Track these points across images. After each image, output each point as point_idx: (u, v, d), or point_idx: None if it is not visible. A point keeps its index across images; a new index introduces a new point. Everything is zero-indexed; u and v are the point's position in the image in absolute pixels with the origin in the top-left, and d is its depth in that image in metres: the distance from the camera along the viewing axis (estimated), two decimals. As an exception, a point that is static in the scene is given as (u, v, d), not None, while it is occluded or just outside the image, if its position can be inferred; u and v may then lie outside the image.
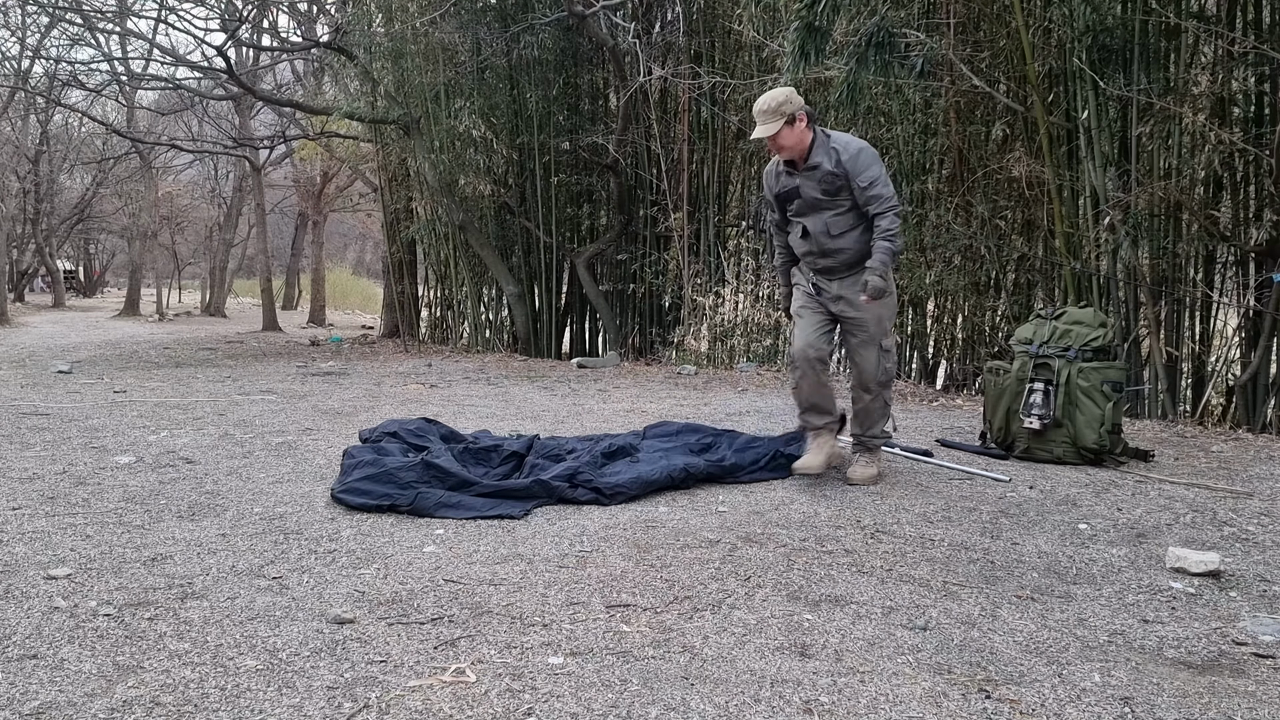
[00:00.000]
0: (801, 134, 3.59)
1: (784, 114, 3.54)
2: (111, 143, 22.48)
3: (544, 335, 10.81)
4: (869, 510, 3.42)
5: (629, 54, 9.50)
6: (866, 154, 3.58)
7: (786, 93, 3.58)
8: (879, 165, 3.60)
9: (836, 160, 3.56)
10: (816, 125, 3.64)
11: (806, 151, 3.61)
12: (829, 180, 3.58)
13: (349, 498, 3.31)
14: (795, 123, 3.56)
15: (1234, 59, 5.84)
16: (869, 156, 3.58)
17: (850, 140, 3.65)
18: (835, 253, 3.69)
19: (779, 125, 3.54)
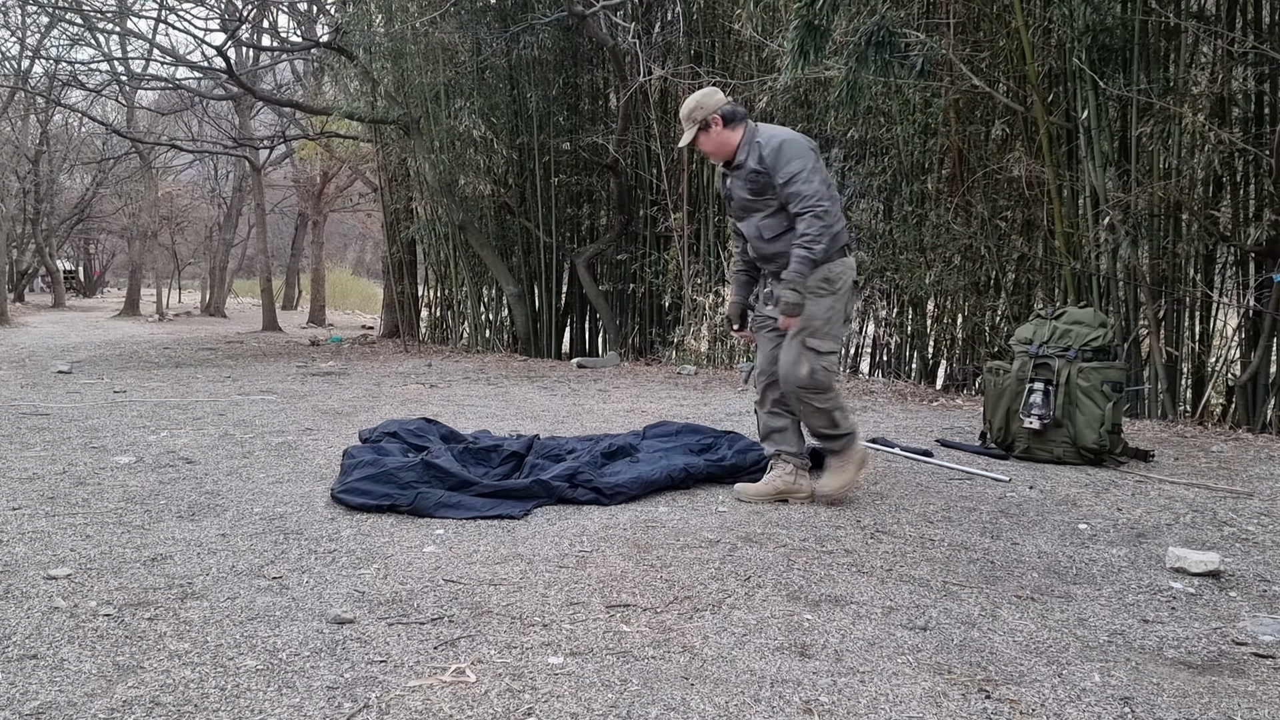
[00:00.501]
0: (720, 137, 3.42)
1: (696, 120, 3.41)
2: (111, 143, 22.49)
3: (544, 335, 10.82)
4: (869, 510, 3.42)
5: (629, 54, 9.50)
6: (789, 147, 3.28)
7: (699, 97, 3.43)
8: (803, 159, 3.26)
9: (759, 156, 3.31)
10: (750, 121, 3.43)
11: (733, 152, 3.42)
12: (753, 179, 3.35)
13: (349, 498, 3.31)
14: (710, 127, 3.40)
15: (1234, 59, 5.84)
16: (791, 149, 3.28)
17: (775, 133, 3.36)
18: (773, 257, 3.43)
19: (694, 132, 3.43)
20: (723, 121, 3.40)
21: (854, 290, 3.45)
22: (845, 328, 3.53)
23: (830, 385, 3.38)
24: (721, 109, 3.40)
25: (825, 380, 3.34)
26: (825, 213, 3.22)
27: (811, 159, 3.29)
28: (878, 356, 8.79)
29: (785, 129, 3.45)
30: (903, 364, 8.30)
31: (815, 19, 5.29)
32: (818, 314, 3.32)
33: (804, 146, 3.31)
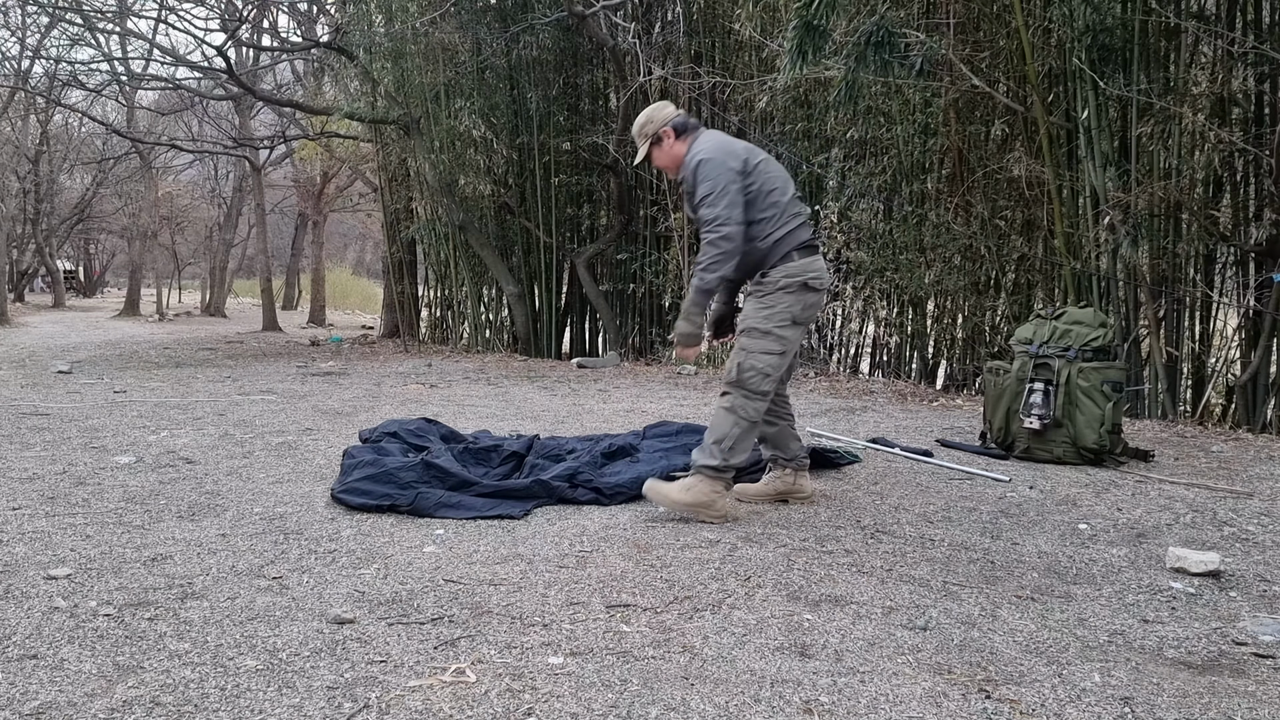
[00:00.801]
0: (673, 150, 3.32)
1: (648, 135, 3.34)
2: (111, 143, 22.49)
3: (544, 335, 10.82)
4: (869, 510, 3.42)
5: (629, 54, 9.50)
6: (705, 166, 3.14)
7: (649, 111, 3.39)
8: (715, 179, 3.11)
9: (688, 172, 3.23)
10: (701, 131, 3.34)
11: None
12: (688, 194, 3.28)
13: (349, 498, 3.31)
14: (661, 141, 3.33)
15: (1234, 59, 5.84)
16: (706, 169, 3.14)
17: (703, 147, 3.22)
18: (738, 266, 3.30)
19: (646, 148, 3.37)
20: (675, 134, 3.33)
21: (805, 292, 3.18)
22: (795, 331, 3.20)
23: (757, 390, 3.15)
24: (673, 121, 3.33)
25: (753, 382, 3.14)
26: (723, 239, 3.07)
27: (725, 179, 3.11)
28: (878, 356, 8.80)
29: (717, 141, 3.26)
30: (903, 364, 8.30)
31: (814, 19, 5.30)
32: (748, 314, 3.21)
33: (720, 165, 3.13)
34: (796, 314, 3.18)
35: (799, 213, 3.26)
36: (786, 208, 3.21)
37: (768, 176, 3.24)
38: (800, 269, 3.18)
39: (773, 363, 3.16)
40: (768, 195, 3.20)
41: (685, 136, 3.32)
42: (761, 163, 3.24)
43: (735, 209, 3.10)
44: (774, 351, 3.16)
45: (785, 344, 3.18)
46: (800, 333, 3.27)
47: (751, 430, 3.20)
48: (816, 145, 8.47)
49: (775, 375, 3.19)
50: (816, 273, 3.22)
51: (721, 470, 3.17)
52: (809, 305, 3.22)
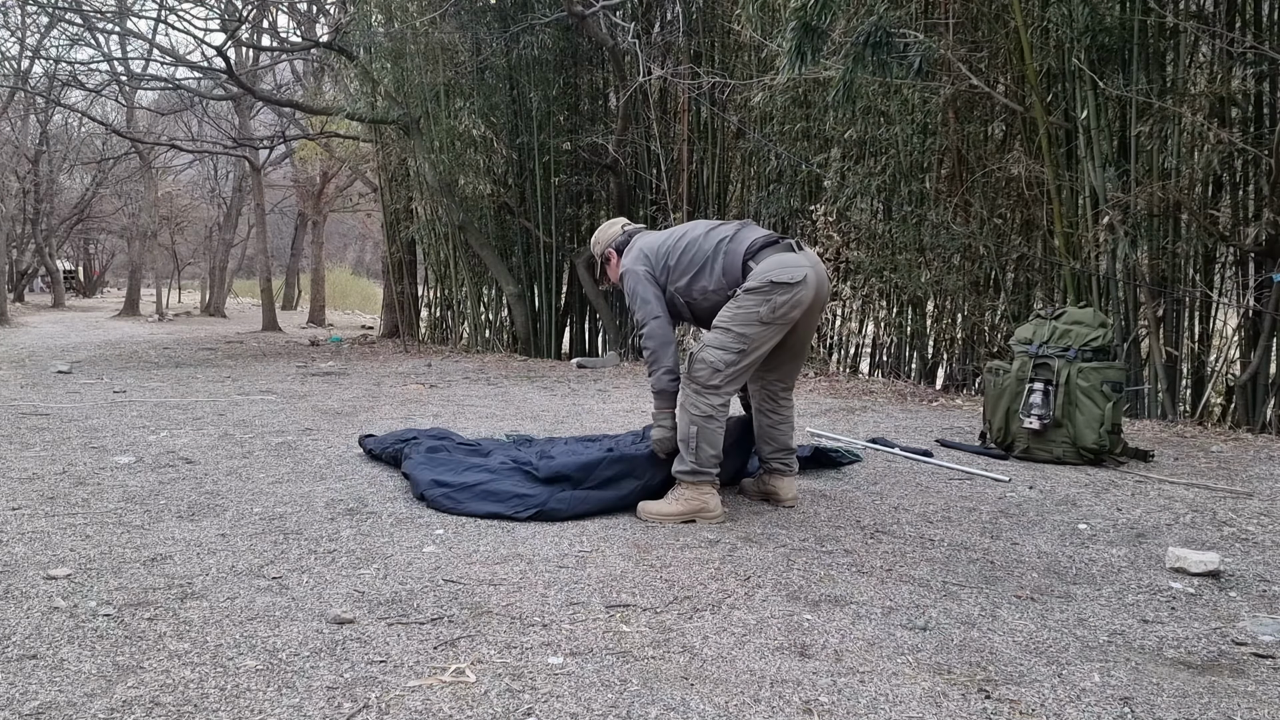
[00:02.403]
0: (617, 269, 3.52)
1: (598, 255, 3.64)
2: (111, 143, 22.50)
3: (544, 335, 10.82)
4: (869, 510, 3.42)
5: (629, 54, 9.51)
6: (626, 279, 3.37)
7: (598, 233, 3.63)
8: (630, 289, 3.33)
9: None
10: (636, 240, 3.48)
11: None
12: None
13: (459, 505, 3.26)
14: (609, 260, 3.58)
15: (1233, 59, 5.84)
16: (626, 281, 3.36)
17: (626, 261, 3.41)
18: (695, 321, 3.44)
19: (600, 266, 3.65)
20: (616, 255, 3.53)
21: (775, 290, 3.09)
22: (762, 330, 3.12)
23: (706, 384, 3.12)
24: (615, 242, 3.54)
25: (702, 375, 3.12)
26: (648, 338, 3.25)
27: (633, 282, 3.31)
28: (877, 356, 8.80)
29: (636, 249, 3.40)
30: (902, 364, 8.31)
31: (811, 20, 5.30)
32: (720, 314, 3.19)
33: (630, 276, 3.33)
34: (763, 314, 3.10)
35: (751, 233, 3.27)
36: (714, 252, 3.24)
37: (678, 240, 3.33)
38: (762, 270, 3.12)
39: (725, 358, 3.11)
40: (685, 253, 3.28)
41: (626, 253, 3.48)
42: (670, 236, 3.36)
43: (648, 305, 3.27)
44: (730, 348, 3.11)
45: (745, 342, 3.10)
46: (771, 332, 3.14)
47: (709, 424, 3.13)
48: (816, 145, 8.47)
49: (728, 372, 3.11)
50: (779, 267, 3.11)
51: (697, 473, 3.14)
52: (781, 304, 3.10)
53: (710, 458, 3.15)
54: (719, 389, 3.13)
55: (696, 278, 3.26)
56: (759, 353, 3.16)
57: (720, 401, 3.15)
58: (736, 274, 3.19)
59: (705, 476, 3.16)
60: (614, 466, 3.33)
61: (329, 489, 3.57)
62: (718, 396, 3.14)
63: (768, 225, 9.21)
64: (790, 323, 3.16)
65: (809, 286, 3.12)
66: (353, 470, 3.92)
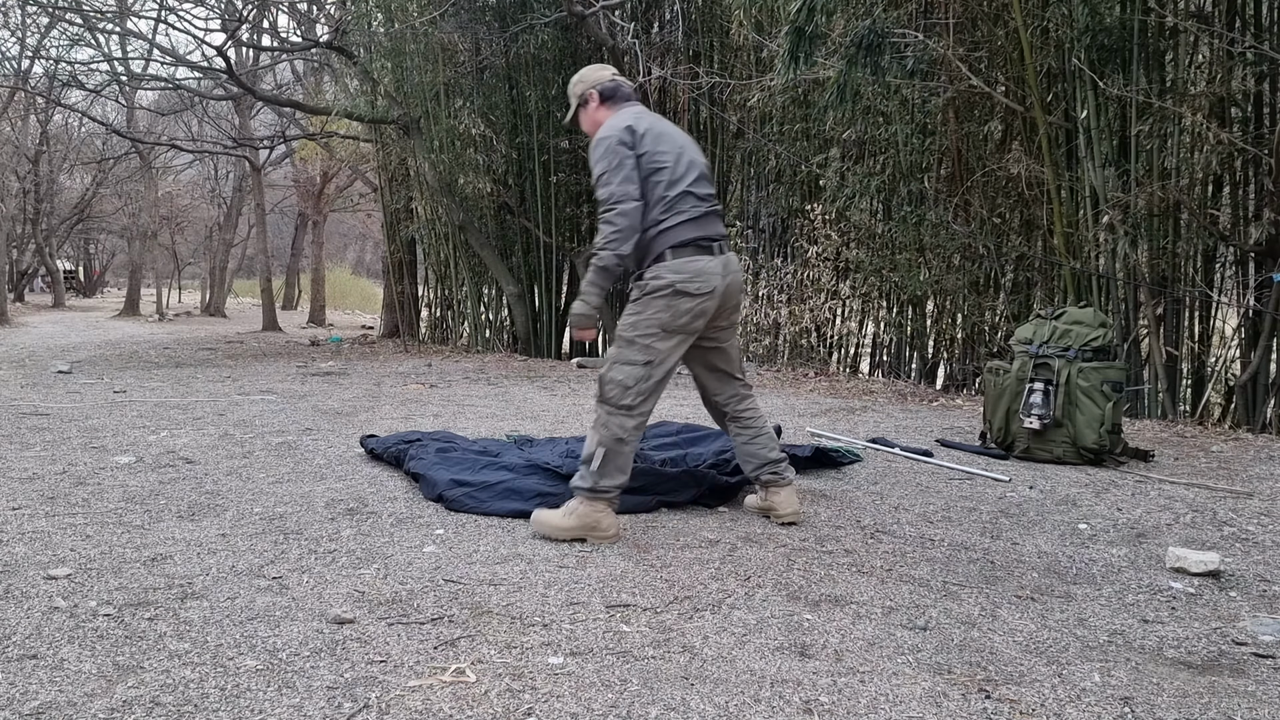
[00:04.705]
0: (594, 116, 3.10)
1: (575, 95, 3.14)
2: (111, 143, 22.49)
3: (544, 335, 10.82)
4: (869, 510, 3.42)
5: (628, 54, 9.51)
6: (599, 145, 2.92)
7: (583, 72, 3.17)
8: (608, 157, 2.89)
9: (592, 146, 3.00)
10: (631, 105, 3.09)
11: None
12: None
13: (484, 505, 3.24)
14: (587, 104, 3.12)
15: (1233, 59, 5.84)
16: (599, 148, 2.92)
17: (608, 124, 2.98)
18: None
19: (574, 110, 3.17)
20: (599, 99, 3.10)
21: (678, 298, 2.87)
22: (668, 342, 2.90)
23: (618, 403, 2.87)
24: (601, 85, 3.10)
25: (612, 394, 2.88)
26: (619, 214, 2.84)
27: (619, 155, 2.88)
28: (877, 356, 8.80)
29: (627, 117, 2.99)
30: (903, 364, 8.31)
31: (804, 25, 5.32)
32: (621, 324, 2.95)
33: (611, 143, 2.90)
34: (666, 322, 2.86)
35: (691, 206, 2.94)
36: (675, 201, 2.92)
37: (656, 155, 2.94)
38: (673, 270, 2.87)
39: (634, 374, 2.87)
40: (652, 178, 2.92)
41: (611, 105, 3.09)
42: (650, 138, 2.94)
43: (632, 185, 2.87)
44: (636, 362, 2.87)
45: (652, 354, 2.87)
46: (677, 343, 2.91)
47: (620, 448, 2.88)
48: (815, 145, 8.47)
49: (638, 389, 2.87)
50: (692, 275, 2.87)
51: (595, 491, 2.88)
52: (684, 313, 2.87)
53: (611, 484, 2.90)
54: (632, 409, 2.88)
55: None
56: (667, 366, 2.92)
57: (634, 424, 2.90)
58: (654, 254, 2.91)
59: (603, 496, 2.91)
60: (640, 479, 3.30)
61: (329, 489, 3.57)
62: (630, 418, 2.89)
63: (768, 225, 9.21)
64: (695, 333, 2.95)
65: (716, 297, 2.92)
66: (353, 470, 3.92)
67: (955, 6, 6.84)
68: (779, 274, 8.60)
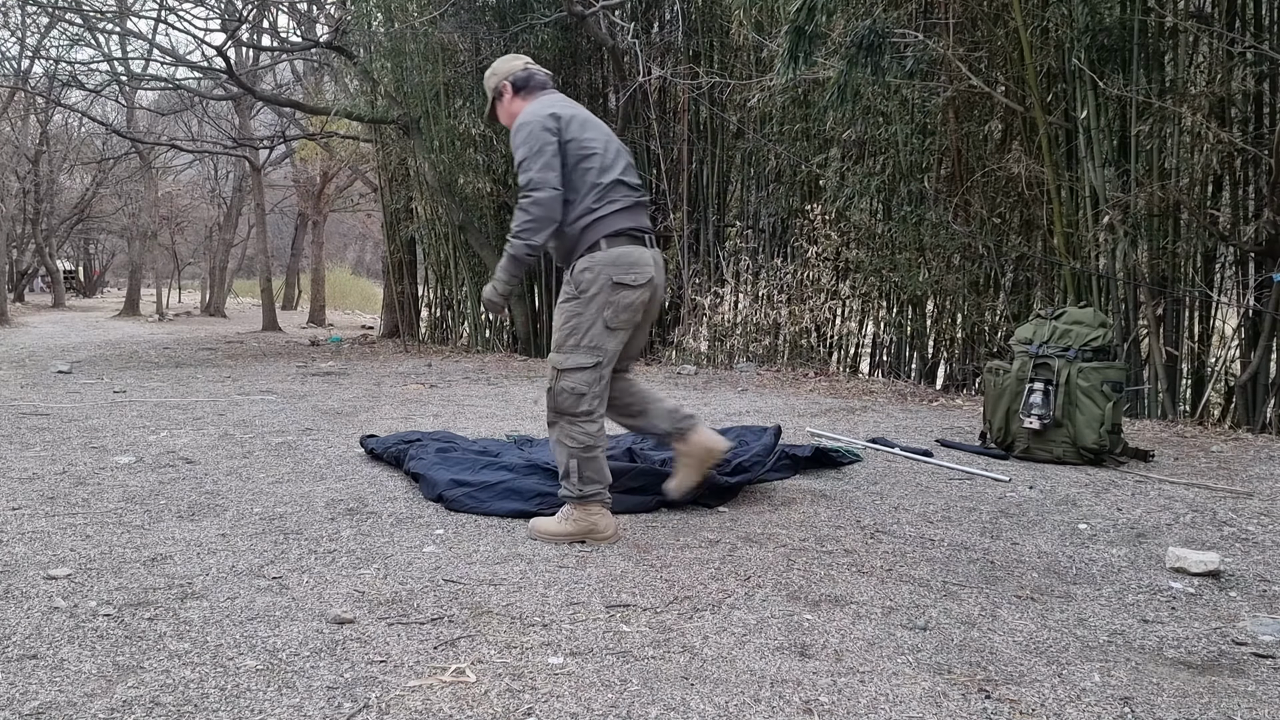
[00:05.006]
0: (510, 108, 3.05)
1: (490, 89, 3.10)
2: (111, 143, 22.48)
3: (544, 335, 10.81)
4: (869, 510, 3.42)
5: (628, 54, 9.51)
6: (519, 130, 2.87)
7: (494, 65, 3.10)
8: (529, 142, 2.83)
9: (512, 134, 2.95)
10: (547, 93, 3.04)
11: None
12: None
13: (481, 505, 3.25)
14: (502, 96, 3.07)
15: (1233, 59, 5.84)
16: (519, 133, 2.87)
17: (527, 109, 2.94)
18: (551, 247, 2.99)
19: (490, 104, 3.13)
20: (512, 90, 3.05)
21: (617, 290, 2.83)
22: (613, 338, 2.88)
23: (576, 411, 2.85)
24: (514, 75, 3.04)
25: (567, 404, 2.86)
26: (534, 203, 2.79)
27: (540, 140, 2.82)
28: (877, 356, 8.80)
29: (549, 104, 2.94)
30: (903, 364, 8.31)
31: (803, 24, 5.32)
32: (557, 323, 2.91)
33: (534, 129, 2.84)
34: (609, 319, 2.83)
35: (624, 195, 2.90)
36: (608, 190, 2.86)
37: (584, 142, 2.88)
38: (609, 261, 2.82)
39: (586, 379, 2.85)
40: (581, 164, 2.86)
41: (526, 95, 3.04)
42: (576, 125, 2.89)
43: (551, 172, 2.81)
44: (585, 366, 2.85)
45: (600, 355, 2.86)
46: (619, 336, 2.88)
47: (589, 454, 2.88)
48: (815, 145, 8.47)
49: (593, 392, 2.87)
50: (628, 266, 2.84)
51: (583, 497, 2.89)
52: (625, 307, 2.85)
53: (598, 488, 2.90)
54: (591, 415, 2.87)
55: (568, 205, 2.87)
56: (612, 360, 2.91)
57: (596, 428, 2.89)
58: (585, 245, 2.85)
59: (593, 499, 2.90)
60: (640, 478, 3.34)
61: (329, 489, 3.57)
62: (592, 423, 2.87)
63: (768, 225, 9.22)
64: (634, 326, 2.94)
65: (650, 289, 2.91)
66: (353, 470, 3.92)
67: (955, 6, 6.84)
68: (779, 274, 8.60)
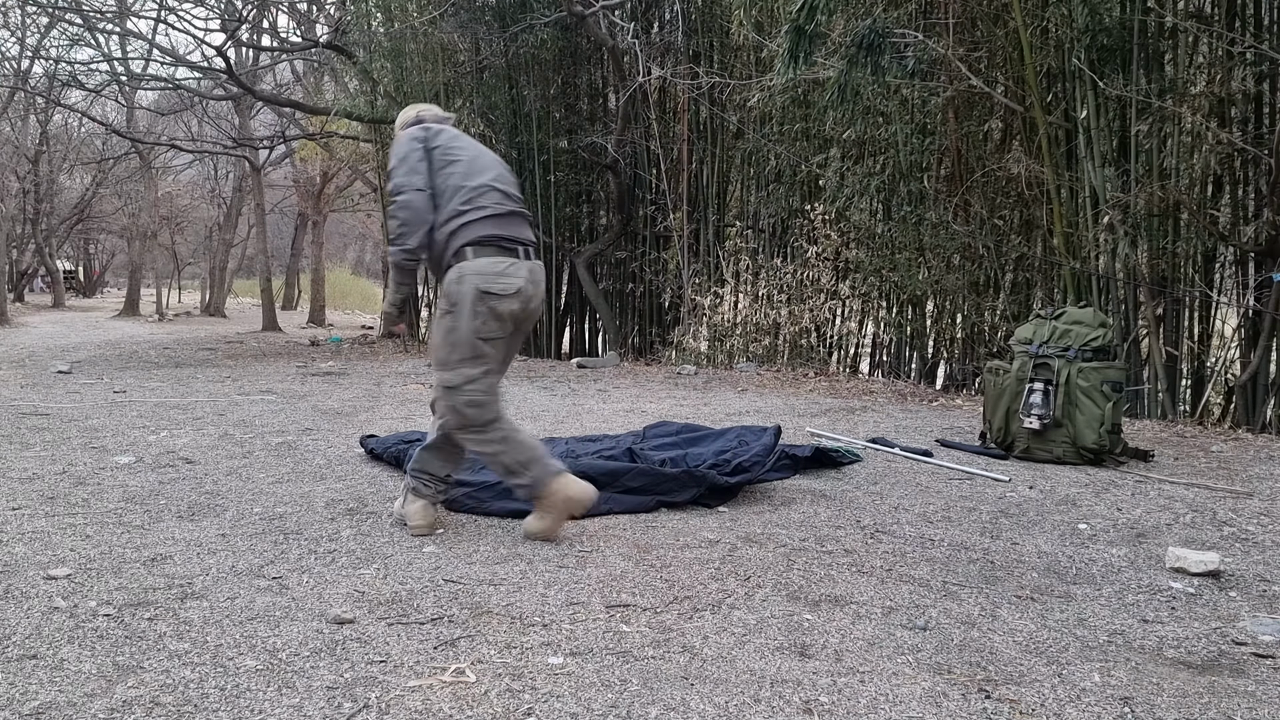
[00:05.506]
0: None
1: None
2: (111, 143, 22.47)
3: (544, 335, 10.82)
4: (869, 510, 3.42)
5: (628, 53, 9.51)
6: (395, 147, 2.95)
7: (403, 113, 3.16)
8: (397, 153, 2.89)
9: None
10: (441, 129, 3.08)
11: None
12: None
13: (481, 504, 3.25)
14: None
15: (1233, 59, 5.84)
16: (394, 148, 2.94)
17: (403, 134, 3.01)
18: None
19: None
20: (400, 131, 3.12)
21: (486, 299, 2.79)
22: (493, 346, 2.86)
23: (483, 420, 2.84)
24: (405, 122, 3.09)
25: (474, 416, 2.84)
26: (400, 207, 2.82)
27: (405, 149, 2.89)
28: (877, 356, 8.80)
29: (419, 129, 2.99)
30: (902, 364, 8.31)
31: (803, 24, 5.32)
32: (435, 339, 2.90)
33: (401, 140, 2.93)
34: (479, 328, 2.81)
35: (495, 203, 2.88)
36: (476, 194, 2.86)
37: (451, 149, 2.91)
38: (476, 271, 2.79)
39: (480, 387, 2.84)
40: (446, 169, 2.87)
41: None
42: (445, 136, 2.94)
43: (415, 175, 2.84)
44: (476, 376, 2.84)
45: (487, 361, 2.86)
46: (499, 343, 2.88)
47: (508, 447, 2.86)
48: (815, 145, 8.47)
49: (487, 397, 2.86)
50: (496, 275, 2.80)
51: (537, 483, 2.87)
52: (496, 315, 2.83)
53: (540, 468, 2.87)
54: (496, 421, 2.87)
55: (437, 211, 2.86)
56: (495, 369, 2.91)
57: (502, 433, 2.86)
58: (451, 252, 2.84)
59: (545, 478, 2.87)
60: (640, 479, 3.35)
61: (329, 489, 3.57)
62: (498, 429, 2.87)
63: (767, 225, 9.22)
64: (506, 335, 2.92)
65: (520, 301, 2.87)
66: (353, 470, 3.92)
67: (955, 6, 6.84)
68: (779, 274, 8.60)
